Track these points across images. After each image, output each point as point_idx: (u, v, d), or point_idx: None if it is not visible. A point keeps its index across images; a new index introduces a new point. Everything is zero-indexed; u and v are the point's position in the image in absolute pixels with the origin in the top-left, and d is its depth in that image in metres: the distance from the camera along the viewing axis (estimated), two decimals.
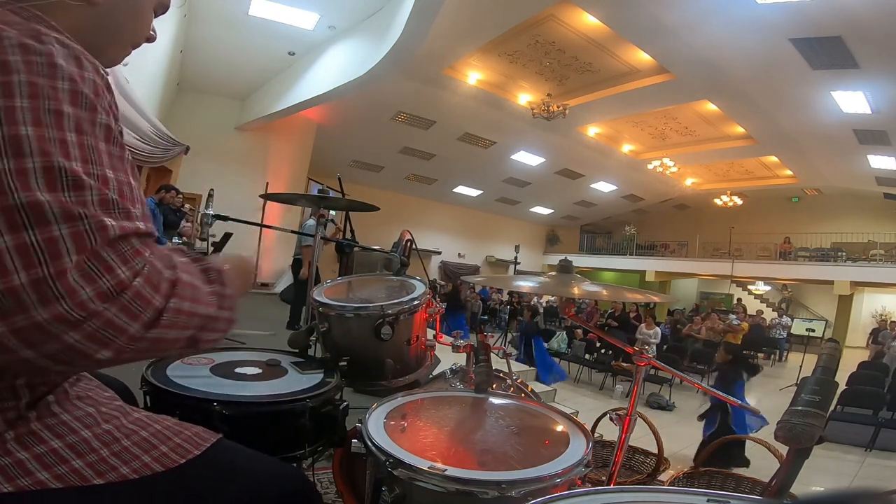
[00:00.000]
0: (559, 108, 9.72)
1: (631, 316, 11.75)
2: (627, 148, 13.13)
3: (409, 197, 15.52)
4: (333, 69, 7.85)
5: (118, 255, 0.44)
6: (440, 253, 16.74)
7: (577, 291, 1.05)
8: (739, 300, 17.15)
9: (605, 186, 15.94)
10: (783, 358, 11.82)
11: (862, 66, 6.72)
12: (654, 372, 6.65)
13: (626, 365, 7.13)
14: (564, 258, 1.21)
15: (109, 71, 0.58)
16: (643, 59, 8.07)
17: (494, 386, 1.25)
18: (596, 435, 1.63)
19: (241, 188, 8.46)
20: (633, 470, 1.94)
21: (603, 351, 8.11)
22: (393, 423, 0.93)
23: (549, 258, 19.90)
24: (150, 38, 0.71)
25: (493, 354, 1.26)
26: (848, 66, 6.79)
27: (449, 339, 1.36)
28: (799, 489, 0.78)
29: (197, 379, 1.07)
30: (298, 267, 5.10)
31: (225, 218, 2.35)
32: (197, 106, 9.43)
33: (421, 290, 1.47)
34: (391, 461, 0.77)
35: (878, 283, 13.12)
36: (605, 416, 1.34)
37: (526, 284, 1.22)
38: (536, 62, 8.82)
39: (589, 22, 7.29)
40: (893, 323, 12.08)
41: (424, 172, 14.37)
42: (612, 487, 0.86)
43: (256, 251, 8.96)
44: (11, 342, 0.42)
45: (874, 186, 11.86)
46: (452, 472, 0.75)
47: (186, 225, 5.45)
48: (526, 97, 10.04)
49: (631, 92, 9.13)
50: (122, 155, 0.51)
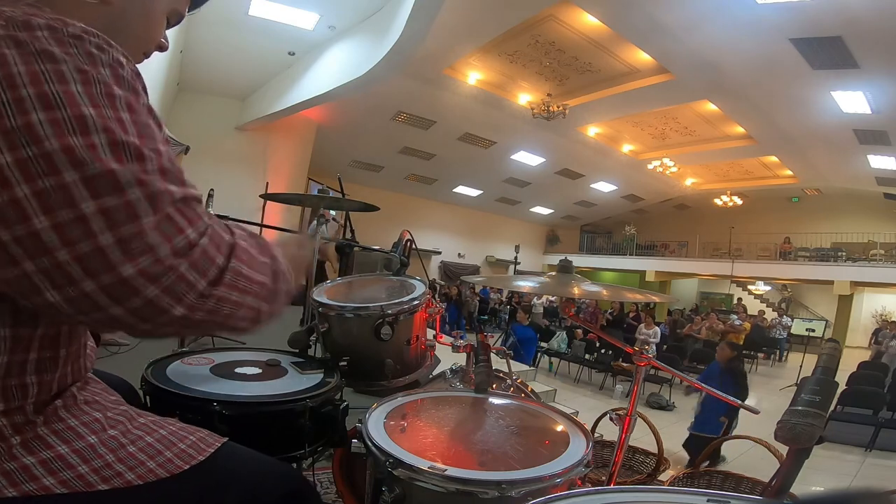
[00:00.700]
0: (559, 108, 9.72)
1: (630, 316, 11.76)
2: (627, 148, 13.14)
3: (409, 197, 15.52)
4: (333, 69, 7.85)
5: (185, 216, 0.48)
6: (440, 253, 16.74)
7: (577, 291, 1.05)
8: (739, 300, 17.18)
9: (605, 186, 15.94)
10: (783, 358, 11.82)
11: (862, 66, 6.73)
12: (654, 372, 6.64)
13: (626, 365, 7.13)
14: (564, 258, 1.21)
15: None
16: (643, 59, 8.08)
17: (494, 386, 1.25)
18: (596, 435, 1.63)
19: (241, 188, 8.46)
20: (633, 470, 1.94)
21: (603, 351, 8.11)
22: (393, 423, 0.93)
23: (549, 258, 19.91)
24: (162, 46, 0.70)
25: (492, 354, 1.26)
26: (848, 66, 6.79)
27: (449, 339, 1.36)
28: (799, 489, 0.78)
29: (197, 379, 1.07)
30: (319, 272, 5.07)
31: (225, 218, 2.35)
32: (197, 106, 9.43)
33: (421, 290, 1.46)
34: (391, 461, 0.77)
35: (878, 283, 13.13)
36: (605, 416, 1.35)
37: (526, 284, 1.22)
38: (536, 62, 8.83)
39: (589, 22, 7.29)
40: (893, 323, 12.08)
41: (424, 172, 14.37)
42: (612, 487, 0.86)
43: None
44: (102, 299, 0.45)
45: (874, 186, 11.87)
46: (452, 472, 0.75)
47: None
48: (526, 97, 10.04)
49: (631, 92, 9.14)
50: (162, 132, 0.54)
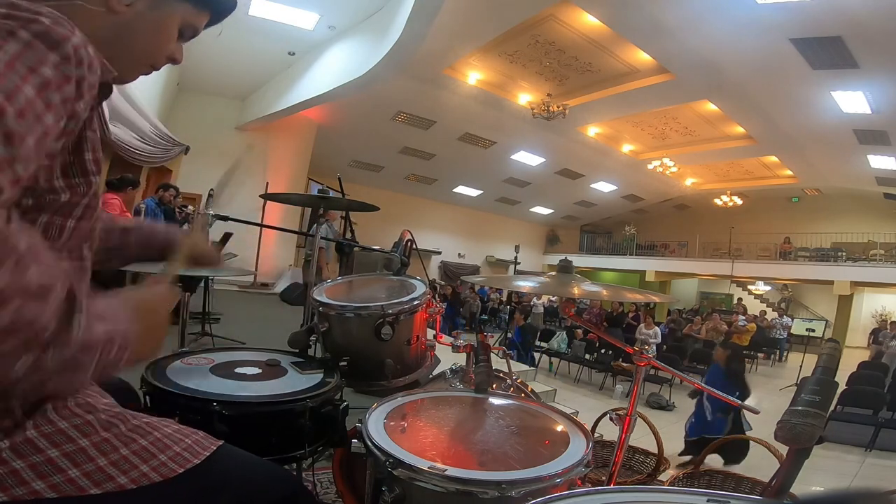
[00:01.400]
0: (559, 108, 9.72)
1: (630, 316, 11.76)
2: (627, 148, 13.14)
3: (409, 197, 15.52)
4: (333, 69, 7.85)
5: None
6: (440, 253, 16.74)
7: (577, 291, 1.05)
8: (739, 300, 17.18)
9: (605, 186, 15.94)
10: (783, 358, 11.82)
11: (862, 66, 6.72)
12: (654, 372, 6.64)
13: (626, 365, 7.13)
14: (564, 258, 1.21)
15: None
16: (643, 59, 8.08)
17: (494, 386, 1.25)
18: (596, 435, 1.63)
19: (241, 188, 8.44)
20: (633, 470, 1.94)
21: (603, 351, 8.11)
22: (393, 423, 0.93)
23: (549, 258, 19.90)
24: (174, 59, 0.69)
25: (493, 354, 1.26)
26: (848, 66, 6.79)
27: (449, 339, 1.36)
28: (799, 489, 0.78)
29: (197, 379, 1.07)
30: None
31: (225, 218, 2.35)
32: (197, 106, 9.43)
33: (421, 290, 1.47)
34: (391, 461, 0.77)
35: (878, 283, 13.12)
36: (605, 416, 1.34)
37: (526, 284, 1.22)
38: (536, 62, 8.82)
39: (589, 22, 7.29)
40: (893, 323, 12.07)
41: (424, 172, 14.36)
42: (612, 487, 0.86)
43: (256, 251, 8.96)
44: None
45: (874, 186, 11.87)
46: (452, 472, 0.75)
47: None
48: (526, 97, 10.04)
49: (631, 92, 9.13)
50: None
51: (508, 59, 8.78)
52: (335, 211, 4.51)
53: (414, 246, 1.96)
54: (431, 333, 1.55)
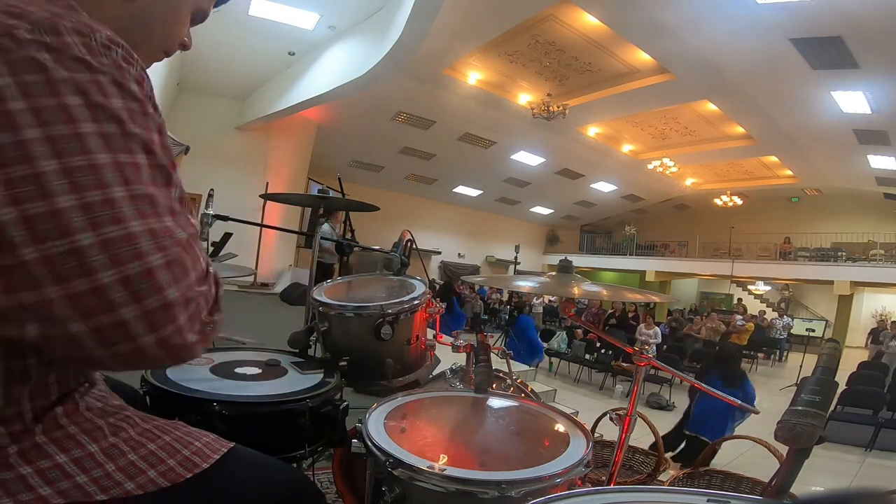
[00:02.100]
0: (559, 108, 9.72)
1: (629, 316, 11.75)
2: (627, 148, 13.14)
3: (409, 197, 15.52)
4: (333, 69, 7.85)
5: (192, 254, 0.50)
6: (440, 253, 16.74)
7: (577, 291, 1.05)
8: (739, 300, 17.18)
9: (605, 186, 15.94)
10: (783, 358, 11.82)
11: (862, 66, 6.72)
12: (654, 372, 6.64)
13: (626, 365, 7.13)
14: (564, 258, 1.21)
15: None
16: (643, 59, 8.08)
17: (494, 386, 1.25)
18: (596, 435, 1.63)
19: (241, 188, 8.46)
20: (633, 470, 1.94)
21: (603, 351, 8.11)
22: (393, 423, 0.93)
23: (549, 258, 19.91)
24: (185, 45, 0.69)
25: (493, 354, 1.26)
26: (848, 66, 6.79)
27: (449, 339, 1.36)
28: (799, 489, 0.78)
29: (197, 379, 1.07)
30: (322, 272, 5.07)
31: (225, 218, 2.34)
32: (197, 106, 9.42)
33: (421, 290, 1.47)
34: (391, 461, 0.77)
35: (878, 283, 13.13)
36: (605, 416, 1.34)
37: (526, 284, 1.22)
38: (536, 62, 8.82)
39: (589, 22, 7.29)
40: (894, 323, 12.07)
41: (424, 172, 14.36)
42: (612, 487, 0.86)
43: (256, 251, 8.96)
44: (136, 328, 0.45)
45: (874, 186, 11.87)
46: (452, 472, 0.75)
47: None
48: (526, 97, 10.04)
49: (631, 92, 9.13)
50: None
51: (508, 59, 8.78)
52: (339, 212, 4.49)
53: (414, 246, 1.95)
54: (431, 333, 1.55)
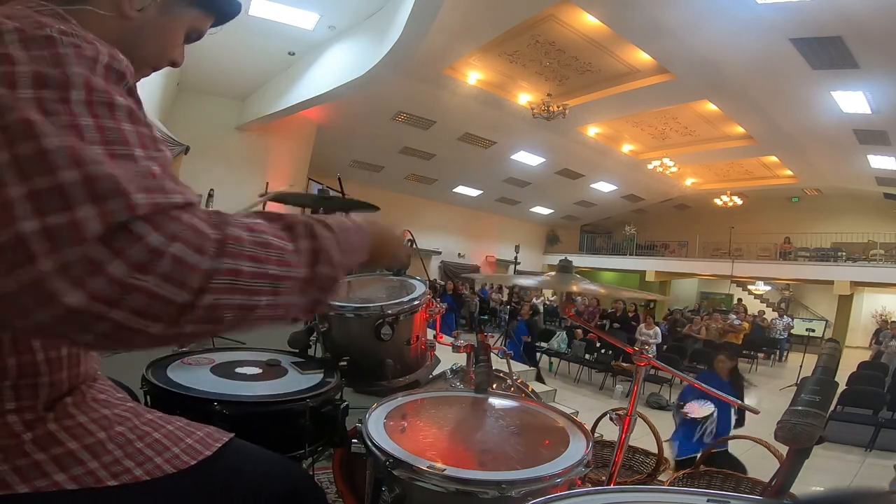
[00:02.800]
0: (559, 108, 9.71)
1: (630, 316, 11.74)
2: (627, 148, 13.13)
3: (409, 197, 15.50)
4: (333, 69, 7.85)
5: (150, 224, 0.40)
6: (440, 253, 16.73)
7: (577, 291, 1.05)
8: (739, 300, 17.15)
9: (605, 186, 15.93)
10: (783, 358, 11.81)
11: (862, 66, 6.72)
12: (654, 372, 6.64)
13: (626, 365, 7.13)
14: (564, 258, 1.21)
15: None
16: (643, 59, 8.07)
17: (494, 386, 1.25)
18: (596, 435, 1.63)
19: (241, 188, 8.46)
20: (633, 470, 1.94)
21: (603, 351, 8.11)
22: (393, 423, 0.93)
23: (549, 258, 19.89)
24: (175, 62, 0.69)
25: (493, 354, 1.26)
26: (848, 66, 6.79)
27: (449, 339, 1.36)
28: (799, 489, 0.78)
29: (197, 379, 1.08)
30: None
31: None
32: (197, 106, 9.42)
33: (421, 290, 1.47)
34: (391, 461, 0.77)
35: (878, 283, 13.11)
36: (605, 416, 1.35)
37: (526, 283, 1.22)
38: (536, 62, 8.82)
39: (589, 22, 7.29)
40: (894, 323, 12.08)
41: (424, 172, 14.36)
42: (612, 487, 0.86)
43: None
44: (62, 329, 0.39)
45: (874, 186, 11.86)
46: (452, 471, 0.75)
47: None
48: (526, 97, 10.03)
49: (631, 92, 9.13)
50: (151, 133, 0.48)
51: (508, 59, 8.77)
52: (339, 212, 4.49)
53: (414, 246, 1.95)
54: (431, 333, 1.55)
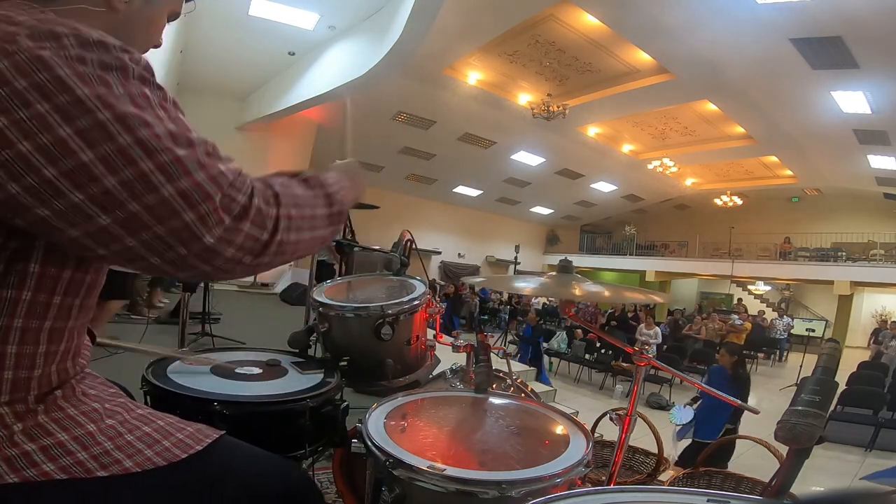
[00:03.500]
0: (559, 108, 9.72)
1: (629, 316, 11.75)
2: (627, 148, 13.14)
3: (409, 197, 15.51)
4: (333, 69, 7.84)
5: (236, 187, 0.54)
6: (440, 253, 16.73)
7: (577, 291, 1.05)
8: (739, 300, 17.17)
9: (605, 186, 15.94)
10: (783, 358, 11.82)
11: (862, 66, 6.72)
12: (654, 372, 6.65)
13: (626, 365, 7.13)
14: (564, 258, 1.21)
15: None
16: (643, 59, 8.07)
17: (494, 386, 1.25)
18: (596, 435, 1.63)
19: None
20: (633, 470, 1.94)
21: (603, 351, 8.11)
22: (393, 423, 0.93)
23: (549, 258, 19.90)
24: (157, 44, 0.72)
25: (493, 354, 1.26)
26: (848, 66, 6.79)
27: (449, 339, 1.36)
28: (799, 489, 0.78)
29: (197, 379, 1.07)
30: (326, 271, 5.02)
31: None
32: (197, 106, 9.41)
33: (421, 290, 1.46)
34: (391, 461, 0.77)
35: (878, 283, 13.13)
36: (605, 416, 1.34)
37: (526, 285, 1.22)
38: (536, 62, 8.82)
39: (589, 22, 7.29)
40: (894, 323, 12.08)
41: (424, 172, 14.36)
42: (612, 487, 0.86)
43: None
44: (196, 262, 0.52)
45: (874, 186, 11.87)
46: (452, 471, 0.75)
47: None
48: (526, 97, 10.04)
49: (631, 92, 9.13)
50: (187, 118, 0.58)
51: (508, 59, 8.78)
52: None
53: (414, 246, 1.95)
54: (431, 333, 1.55)
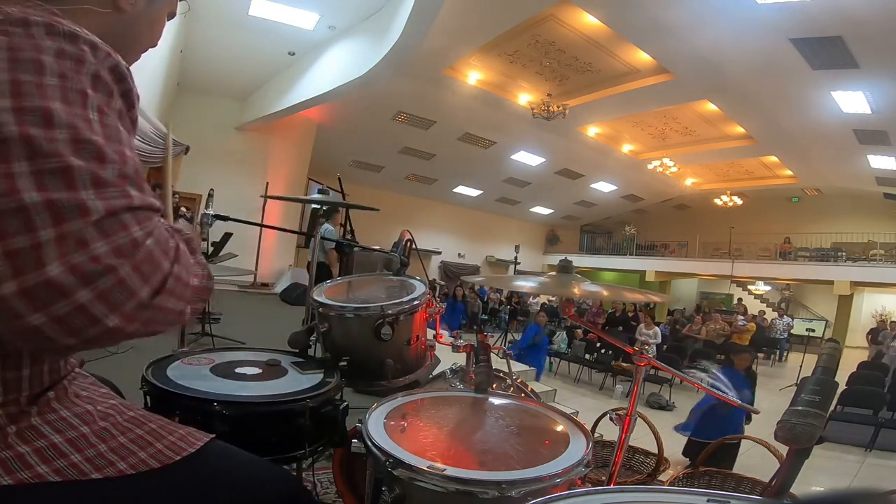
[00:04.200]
0: (559, 108, 9.71)
1: (629, 316, 11.75)
2: (627, 148, 13.13)
3: (409, 197, 15.51)
4: (333, 69, 7.85)
5: (135, 218, 0.46)
6: (440, 253, 16.73)
7: (577, 291, 1.05)
8: (739, 300, 17.17)
9: (605, 186, 15.93)
10: (783, 358, 11.82)
11: (862, 66, 6.72)
12: (654, 372, 6.64)
13: (626, 365, 7.13)
14: (564, 258, 1.21)
15: None
16: (643, 59, 8.07)
17: (494, 386, 1.25)
18: (596, 435, 1.63)
19: (241, 188, 8.46)
20: (633, 470, 1.94)
21: (603, 351, 8.11)
22: (393, 423, 0.93)
23: (549, 258, 19.89)
24: (154, 44, 0.74)
25: (493, 354, 1.26)
26: (848, 66, 6.79)
27: (449, 339, 1.36)
28: (799, 489, 0.78)
29: (197, 379, 1.08)
30: (323, 272, 5.04)
31: (225, 218, 2.35)
32: (197, 106, 9.43)
33: (421, 290, 1.46)
34: (391, 461, 0.77)
35: (878, 283, 13.11)
36: (605, 416, 1.34)
37: (526, 284, 1.22)
38: (536, 62, 8.82)
39: (589, 22, 7.29)
40: (893, 323, 12.07)
41: (424, 172, 14.35)
42: (612, 487, 0.86)
43: (256, 251, 8.96)
44: (20, 304, 0.41)
45: (874, 186, 11.86)
46: (452, 471, 0.75)
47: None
48: (526, 97, 10.03)
49: (631, 92, 9.13)
50: (130, 139, 0.53)
51: (508, 59, 8.77)
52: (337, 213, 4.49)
53: (414, 246, 1.95)
54: (431, 333, 1.55)
